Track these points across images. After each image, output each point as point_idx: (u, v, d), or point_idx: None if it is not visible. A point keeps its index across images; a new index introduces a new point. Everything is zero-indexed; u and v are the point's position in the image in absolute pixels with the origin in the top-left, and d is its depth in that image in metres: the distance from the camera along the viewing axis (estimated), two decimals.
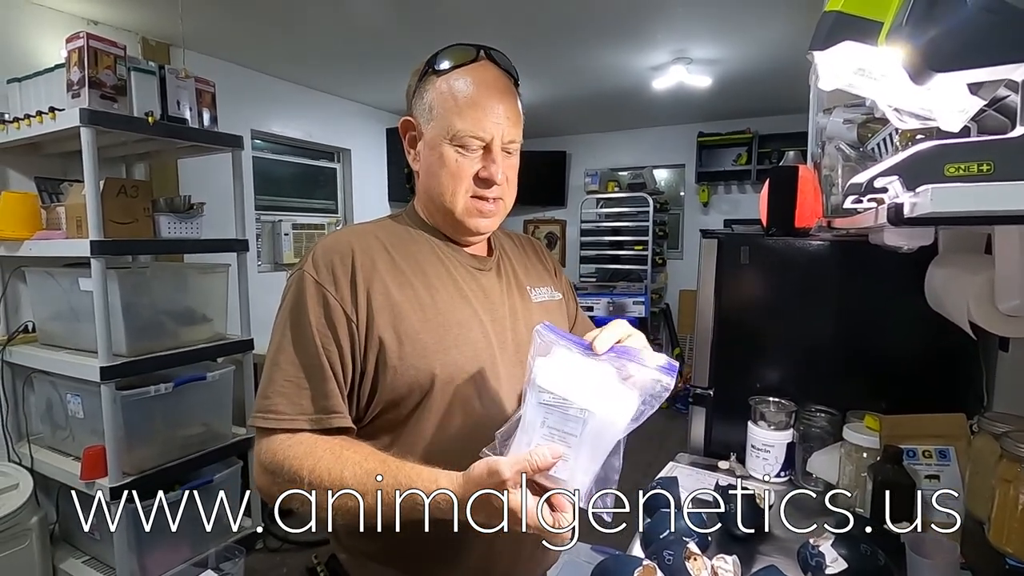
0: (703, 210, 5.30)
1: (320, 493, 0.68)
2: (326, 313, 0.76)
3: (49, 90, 2.05)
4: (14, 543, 1.95)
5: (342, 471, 0.68)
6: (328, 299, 0.76)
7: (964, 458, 1.00)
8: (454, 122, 0.79)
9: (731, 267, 1.49)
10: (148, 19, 2.69)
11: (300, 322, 0.76)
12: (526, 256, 1.00)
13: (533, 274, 0.97)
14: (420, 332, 0.78)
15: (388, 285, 0.79)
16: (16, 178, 2.37)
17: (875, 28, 0.44)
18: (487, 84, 0.81)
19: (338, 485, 0.68)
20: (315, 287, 0.77)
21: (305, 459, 0.70)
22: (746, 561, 0.95)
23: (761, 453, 1.30)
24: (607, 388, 0.62)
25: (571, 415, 0.61)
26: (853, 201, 0.53)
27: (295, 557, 2.54)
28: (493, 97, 0.80)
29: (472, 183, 0.82)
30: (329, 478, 0.68)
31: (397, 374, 0.76)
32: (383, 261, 0.81)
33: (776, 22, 2.77)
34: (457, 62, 0.81)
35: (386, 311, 0.77)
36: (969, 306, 0.87)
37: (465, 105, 0.79)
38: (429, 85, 0.83)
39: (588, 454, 0.61)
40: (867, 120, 1.02)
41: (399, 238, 0.85)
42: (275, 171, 3.99)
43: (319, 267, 0.78)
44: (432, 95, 0.82)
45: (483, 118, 0.79)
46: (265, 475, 0.74)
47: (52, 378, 2.20)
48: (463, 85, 0.80)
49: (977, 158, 0.41)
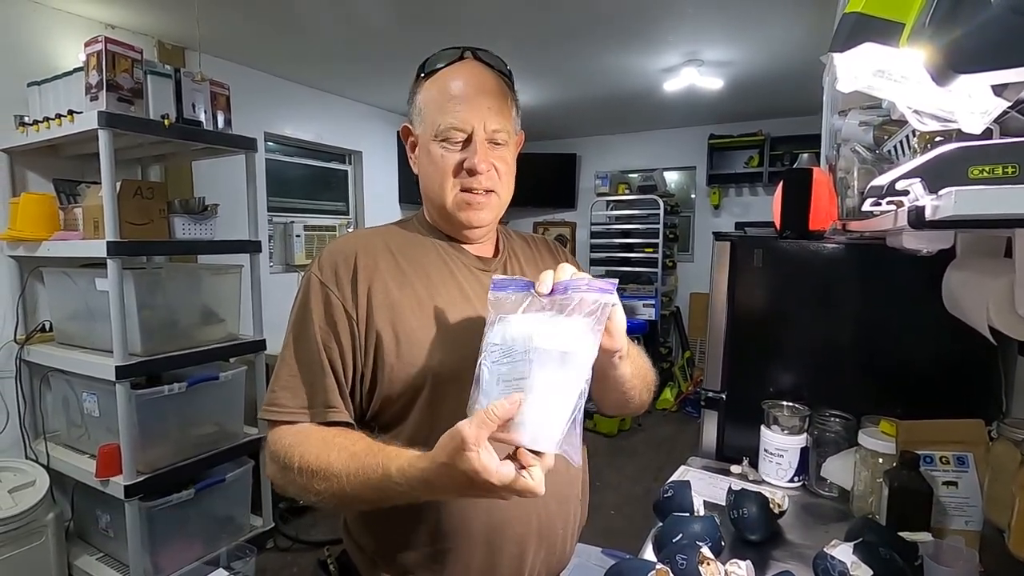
0: (714, 212, 5.27)
1: (307, 476, 0.71)
2: (328, 311, 0.79)
3: (68, 93, 2.08)
4: (30, 539, 1.98)
5: (328, 455, 0.71)
6: (330, 297, 0.80)
7: (983, 465, 0.98)
8: (436, 118, 0.82)
9: (744, 270, 1.48)
10: (164, 23, 2.73)
11: (304, 320, 0.80)
12: (538, 256, 1.00)
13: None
14: (417, 330, 0.79)
15: (388, 284, 0.81)
16: (35, 180, 2.41)
17: (897, 29, 0.44)
18: (467, 78, 0.83)
19: (324, 468, 0.70)
20: (319, 286, 0.80)
21: (298, 446, 0.74)
22: (760, 566, 0.94)
23: (774, 458, 1.29)
24: (548, 324, 0.61)
25: (518, 359, 0.60)
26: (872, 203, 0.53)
27: (305, 556, 2.55)
28: (472, 88, 0.82)
29: (459, 175, 0.83)
30: (316, 462, 0.71)
31: (394, 371, 0.78)
32: (385, 261, 0.83)
33: (788, 24, 2.75)
34: (443, 63, 0.84)
35: (385, 309, 0.80)
36: (989, 310, 0.86)
37: (445, 100, 0.81)
38: (419, 89, 0.86)
39: (550, 392, 0.59)
40: (884, 122, 1.01)
41: (405, 242, 0.88)
42: (287, 173, 4.02)
43: (324, 268, 0.82)
44: (420, 97, 0.85)
45: (462, 110, 0.81)
46: (271, 464, 0.78)
47: (68, 377, 2.23)
48: (444, 83, 0.83)
49: (1002, 160, 0.41)
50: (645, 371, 0.88)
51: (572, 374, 0.60)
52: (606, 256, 5.22)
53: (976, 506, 0.97)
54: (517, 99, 0.89)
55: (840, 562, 0.84)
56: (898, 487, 0.97)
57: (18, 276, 2.35)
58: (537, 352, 0.59)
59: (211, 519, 2.34)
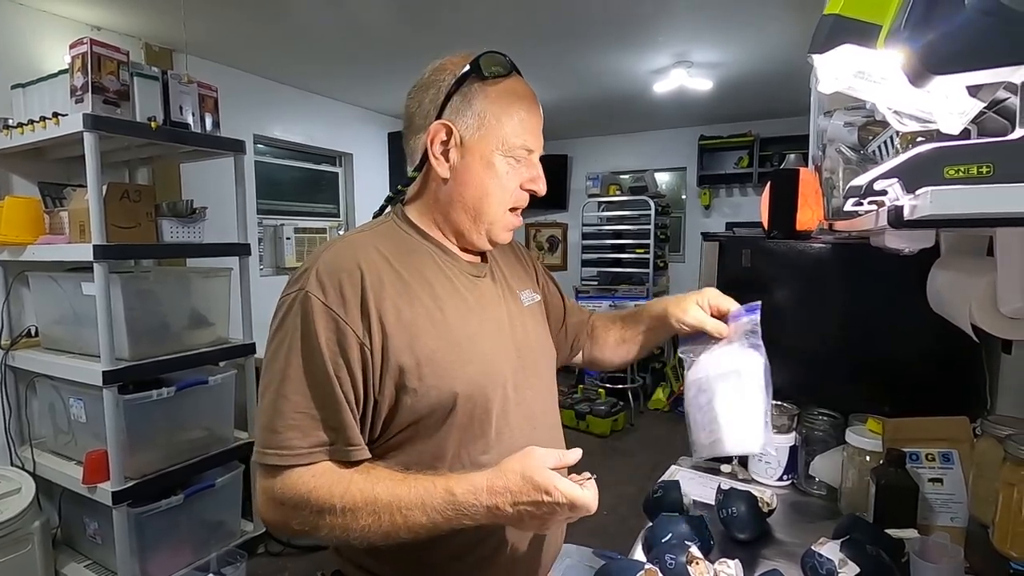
0: (705, 213, 5.30)
1: (351, 514, 0.68)
2: (339, 340, 0.71)
3: (53, 95, 2.06)
4: (16, 547, 1.95)
5: (374, 488, 0.69)
6: (339, 324, 0.71)
7: (968, 461, 0.99)
8: (508, 133, 0.80)
9: (733, 270, 1.48)
10: (151, 25, 2.71)
11: (310, 349, 0.71)
12: (510, 259, 1.00)
13: (518, 277, 0.98)
14: (436, 351, 0.76)
15: (398, 304, 0.75)
16: (20, 183, 2.39)
17: (874, 31, 0.44)
18: (531, 97, 0.83)
19: (371, 502, 0.68)
20: (324, 311, 0.71)
21: (334, 485, 0.69)
22: (749, 565, 0.94)
23: (763, 457, 1.30)
24: (721, 354, 0.83)
25: (704, 388, 0.80)
26: (853, 203, 0.53)
27: (296, 562, 2.53)
28: (536, 109, 0.83)
29: (517, 193, 0.83)
30: (361, 497, 0.68)
31: (418, 396, 0.74)
32: (389, 276, 0.77)
33: (776, 25, 2.77)
34: (501, 72, 0.81)
35: (401, 333, 0.74)
36: (971, 309, 0.87)
37: (520, 116, 0.81)
38: (476, 92, 0.79)
39: (736, 405, 0.77)
40: (868, 123, 1.02)
41: (399, 247, 0.82)
42: (277, 175, 4.00)
43: (326, 288, 0.72)
44: (481, 103, 0.79)
45: (535, 129, 0.82)
46: (281, 510, 0.71)
47: (55, 382, 2.21)
48: (514, 96, 0.81)
49: (977, 160, 0.41)
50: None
51: (749, 384, 0.77)
52: (598, 257, 5.24)
53: (961, 503, 0.98)
54: None
55: (828, 559, 0.85)
56: (885, 484, 0.97)
57: (3, 280, 2.32)
58: (716, 379, 0.79)
59: (201, 524, 2.32)
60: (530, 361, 0.88)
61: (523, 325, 0.90)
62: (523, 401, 0.84)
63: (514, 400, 0.83)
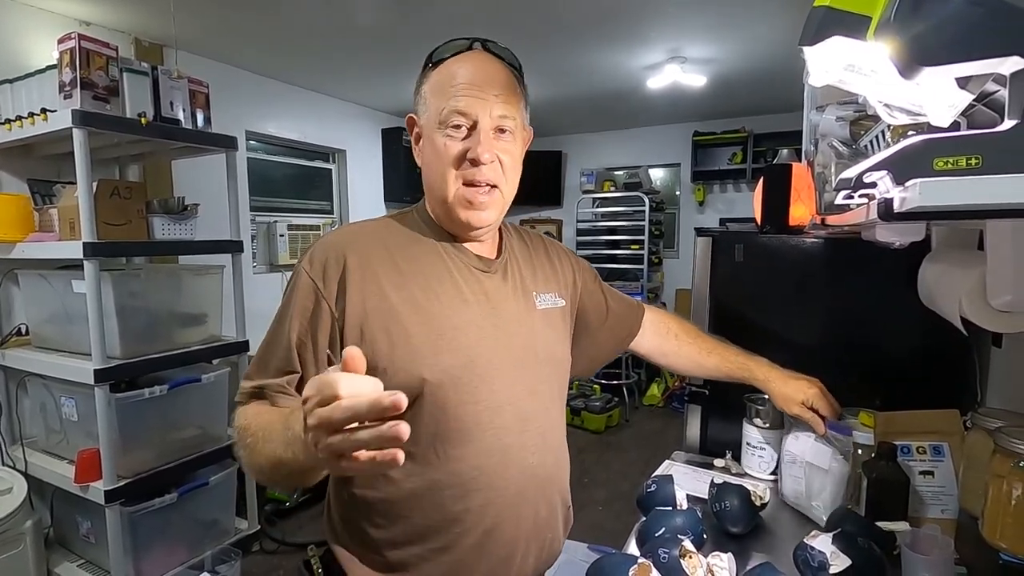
0: (699, 209, 5.31)
1: (239, 435, 0.75)
2: (313, 308, 0.79)
3: (41, 91, 2.04)
4: (8, 547, 1.94)
5: (259, 416, 0.74)
6: (315, 293, 0.79)
7: (958, 454, 1.00)
8: (439, 103, 0.80)
9: (726, 265, 1.49)
10: (141, 20, 2.68)
11: (285, 307, 0.81)
12: (535, 257, 0.97)
13: (540, 278, 0.95)
14: (413, 336, 0.77)
15: (384, 286, 0.78)
16: (8, 180, 2.36)
17: (864, 23, 0.44)
18: (474, 66, 0.81)
19: (246, 427, 0.74)
20: (306, 279, 0.80)
21: (253, 419, 0.75)
22: (741, 558, 0.95)
23: (756, 451, 1.30)
24: (812, 443, 1.15)
25: (798, 461, 1.16)
26: (844, 196, 0.53)
27: (291, 559, 2.53)
28: (479, 76, 0.80)
29: (461, 166, 0.80)
30: (244, 422, 0.75)
31: (387, 376, 0.75)
32: (380, 261, 0.80)
33: (770, 21, 2.77)
34: (451, 52, 0.82)
35: (381, 315, 0.78)
36: (961, 302, 0.87)
37: (450, 86, 0.79)
38: (425, 78, 0.84)
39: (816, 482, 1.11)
40: (859, 117, 1.02)
41: (402, 237, 0.85)
42: (270, 172, 3.98)
43: (314, 262, 0.80)
44: (426, 86, 0.83)
45: (468, 96, 0.78)
46: (236, 440, 0.78)
47: (46, 381, 2.19)
48: (450, 70, 0.81)
49: (965, 152, 0.41)
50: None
51: (829, 472, 1.09)
52: (593, 253, 5.23)
53: (952, 495, 0.98)
54: (527, 94, 0.87)
55: (820, 552, 0.85)
56: (876, 477, 0.98)
57: None
58: (804, 462, 1.14)
59: (195, 523, 2.31)
60: (531, 361, 0.87)
61: (530, 325, 0.88)
62: (515, 400, 0.83)
63: (504, 398, 0.82)
